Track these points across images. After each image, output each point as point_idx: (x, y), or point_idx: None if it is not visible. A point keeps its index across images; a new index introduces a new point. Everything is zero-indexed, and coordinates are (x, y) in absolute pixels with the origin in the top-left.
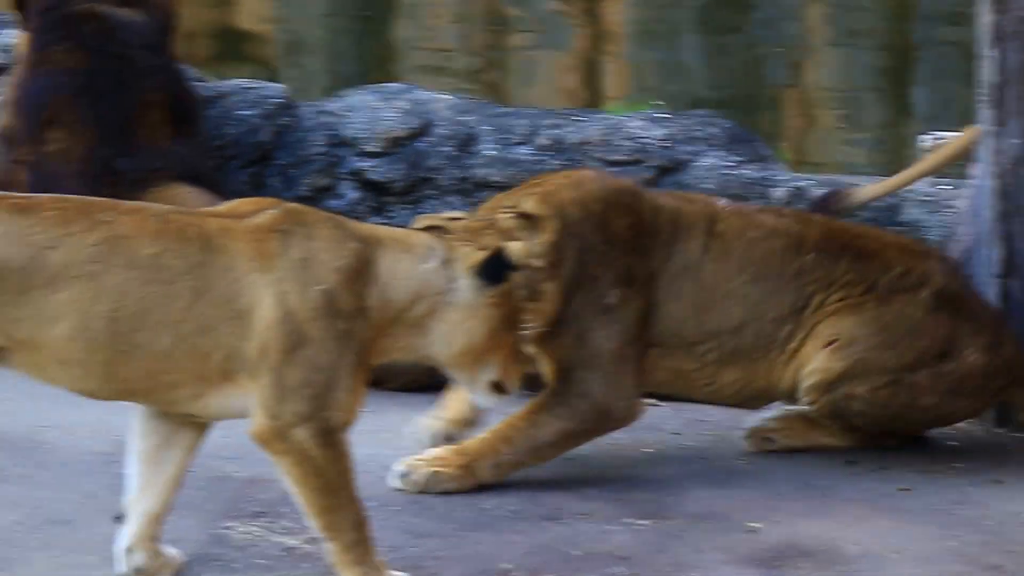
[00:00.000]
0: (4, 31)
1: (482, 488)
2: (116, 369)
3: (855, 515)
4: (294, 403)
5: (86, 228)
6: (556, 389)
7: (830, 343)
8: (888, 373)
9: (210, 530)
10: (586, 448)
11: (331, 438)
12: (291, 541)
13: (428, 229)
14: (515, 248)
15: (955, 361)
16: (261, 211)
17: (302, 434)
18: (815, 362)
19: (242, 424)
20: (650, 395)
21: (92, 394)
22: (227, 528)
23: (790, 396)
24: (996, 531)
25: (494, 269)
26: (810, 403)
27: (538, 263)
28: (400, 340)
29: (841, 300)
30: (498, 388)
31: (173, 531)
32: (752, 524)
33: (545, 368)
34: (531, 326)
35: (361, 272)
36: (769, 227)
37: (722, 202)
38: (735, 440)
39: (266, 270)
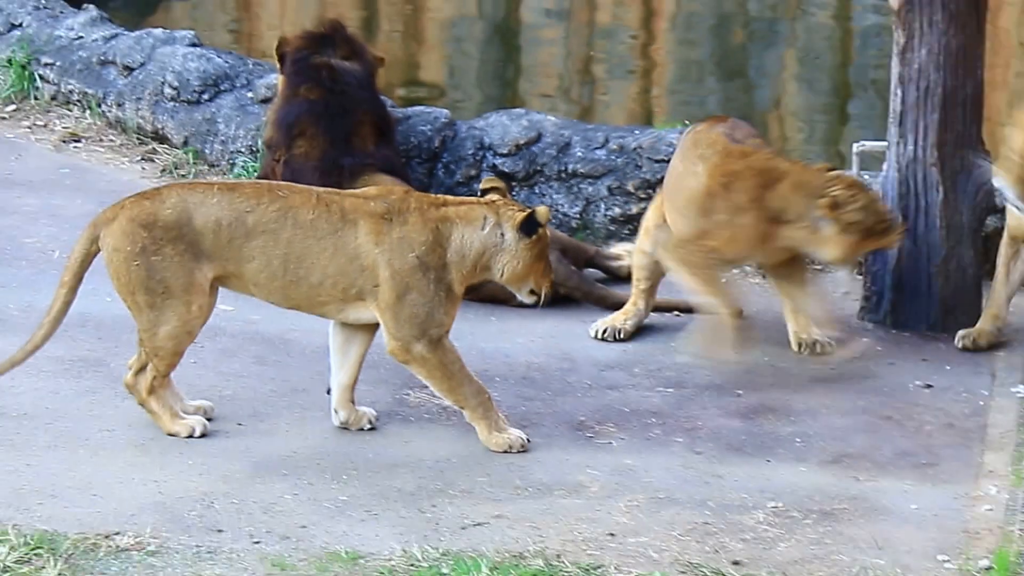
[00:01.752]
0: (269, 75)
1: (572, 367)
2: (288, 292)
3: (802, 385)
4: (408, 328)
5: (270, 200)
6: None
7: None
8: None
9: (395, 395)
10: (631, 343)
11: (438, 344)
12: (446, 402)
13: (490, 190)
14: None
15: None
16: (380, 198)
17: (418, 347)
18: None
19: None
20: (674, 308)
21: (276, 305)
22: (406, 395)
23: None
24: (889, 394)
25: (529, 226)
26: None
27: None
28: (479, 275)
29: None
30: (534, 294)
31: (371, 397)
32: (737, 391)
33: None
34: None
35: (439, 242)
36: None
37: None
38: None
39: (378, 244)
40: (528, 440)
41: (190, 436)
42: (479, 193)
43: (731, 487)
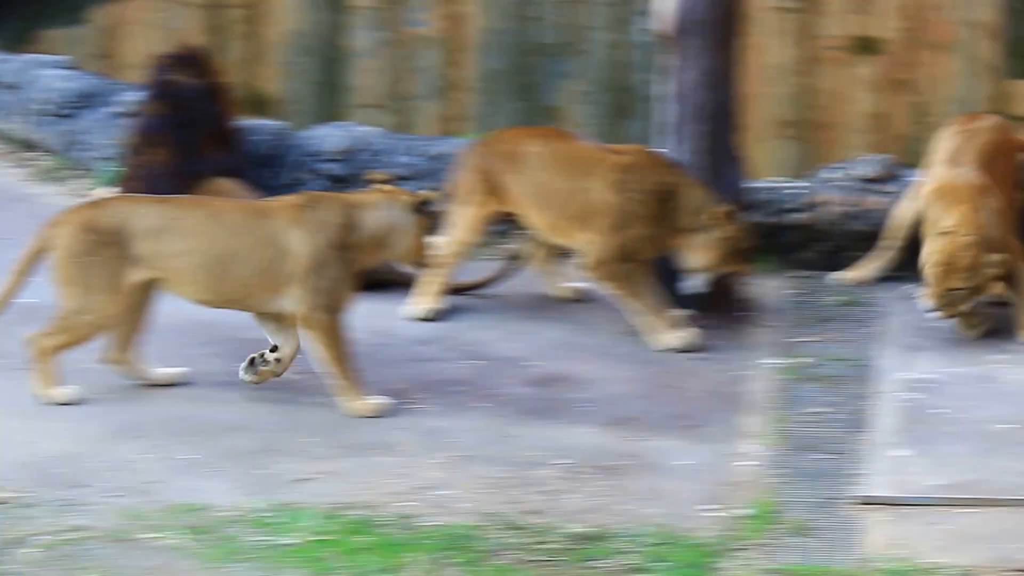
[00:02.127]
0: (130, 93)
1: (391, 342)
2: (217, 287)
3: (587, 358)
4: (319, 297)
5: (197, 208)
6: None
7: None
8: None
9: (234, 367)
10: (442, 322)
11: (338, 317)
12: (280, 373)
13: (380, 181)
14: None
15: None
16: (296, 196)
17: (324, 316)
18: None
19: None
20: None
21: (207, 303)
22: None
23: None
24: (663, 365)
25: (420, 207)
26: None
27: None
28: (378, 254)
29: None
30: (419, 263)
31: (211, 367)
32: (534, 363)
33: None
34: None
35: (351, 224)
36: None
37: None
38: (530, 310)
39: (299, 226)
40: (390, 403)
41: (59, 403)
42: (368, 185)
43: (527, 446)
